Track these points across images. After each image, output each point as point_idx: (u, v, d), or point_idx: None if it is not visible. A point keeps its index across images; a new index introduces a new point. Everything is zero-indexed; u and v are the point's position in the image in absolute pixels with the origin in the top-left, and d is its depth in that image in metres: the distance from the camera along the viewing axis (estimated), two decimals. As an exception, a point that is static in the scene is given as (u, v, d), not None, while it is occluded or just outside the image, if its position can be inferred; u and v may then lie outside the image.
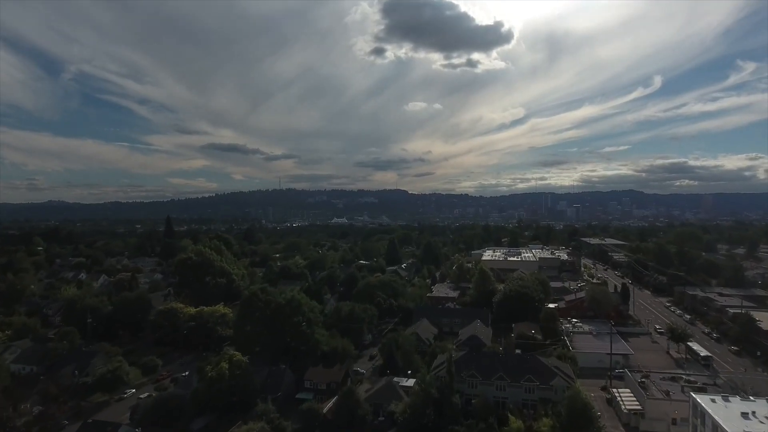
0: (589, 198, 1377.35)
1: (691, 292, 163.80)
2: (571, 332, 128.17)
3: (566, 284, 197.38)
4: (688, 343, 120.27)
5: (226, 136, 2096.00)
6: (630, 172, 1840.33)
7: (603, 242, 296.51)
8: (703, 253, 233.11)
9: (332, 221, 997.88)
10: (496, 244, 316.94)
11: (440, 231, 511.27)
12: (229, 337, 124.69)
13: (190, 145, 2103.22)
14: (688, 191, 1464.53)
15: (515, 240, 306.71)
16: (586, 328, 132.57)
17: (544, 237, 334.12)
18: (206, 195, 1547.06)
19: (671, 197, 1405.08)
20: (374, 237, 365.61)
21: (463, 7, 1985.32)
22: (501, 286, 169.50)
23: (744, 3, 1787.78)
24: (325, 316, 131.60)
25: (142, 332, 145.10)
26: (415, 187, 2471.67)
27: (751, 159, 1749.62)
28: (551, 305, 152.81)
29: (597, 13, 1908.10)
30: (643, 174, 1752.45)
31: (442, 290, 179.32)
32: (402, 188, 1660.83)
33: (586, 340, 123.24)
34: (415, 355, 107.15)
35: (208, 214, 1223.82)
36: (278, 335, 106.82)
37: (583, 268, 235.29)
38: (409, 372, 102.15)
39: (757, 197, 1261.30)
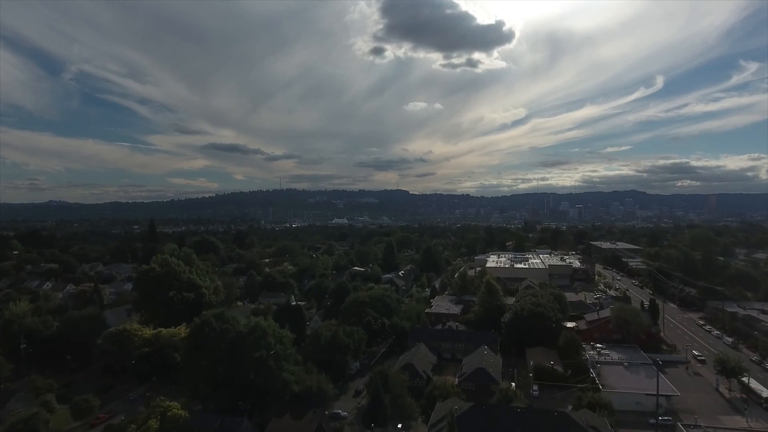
0: (591, 198, 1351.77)
1: (729, 309, 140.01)
2: (597, 363, 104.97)
3: (581, 296, 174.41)
4: (743, 379, 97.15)
5: (227, 136, 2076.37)
6: (632, 173, 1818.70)
7: (615, 246, 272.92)
8: (726, 260, 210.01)
9: (332, 221, 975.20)
10: (500, 248, 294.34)
11: (441, 232, 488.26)
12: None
13: (190, 145, 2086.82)
14: (690, 192, 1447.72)
15: (521, 244, 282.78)
16: (616, 356, 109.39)
17: (551, 240, 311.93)
18: (207, 195, 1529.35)
19: (673, 197, 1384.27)
20: (373, 239, 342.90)
21: (464, 7, 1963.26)
22: (510, 300, 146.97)
23: (746, 2, 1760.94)
24: (303, 343, 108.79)
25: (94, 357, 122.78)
26: (416, 187, 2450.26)
27: (753, 159, 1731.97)
28: (569, 324, 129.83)
29: (598, 12, 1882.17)
30: (645, 174, 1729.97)
31: (442, 305, 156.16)
32: (403, 188, 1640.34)
33: (618, 375, 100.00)
34: (408, 398, 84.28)
35: (208, 214, 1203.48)
36: (237, 373, 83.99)
37: (597, 277, 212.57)
38: (400, 426, 79.46)
39: (760, 197, 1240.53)
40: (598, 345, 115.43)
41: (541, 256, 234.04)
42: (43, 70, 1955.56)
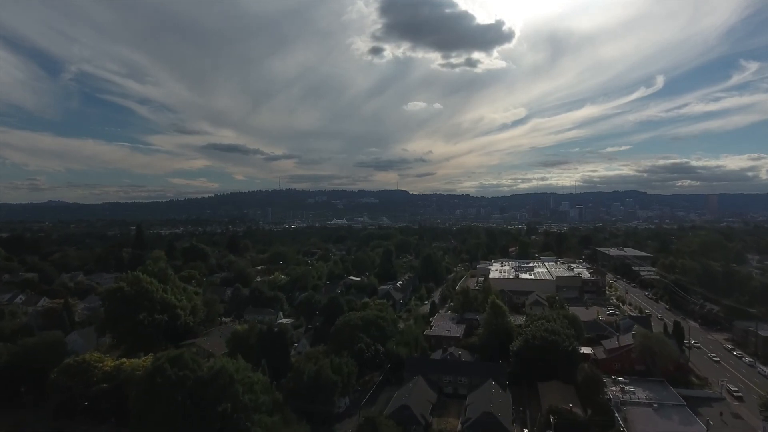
0: (591, 198, 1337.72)
1: (762, 333, 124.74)
2: (622, 404, 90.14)
3: (592, 311, 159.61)
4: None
5: (227, 136, 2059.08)
6: (632, 173, 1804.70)
7: (624, 254, 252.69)
8: (747, 270, 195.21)
9: (332, 222, 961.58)
10: (502, 254, 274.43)
11: (441, 234, 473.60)
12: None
13: (191, 145, 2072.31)
14: (691, 191, 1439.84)
15: (525, 250, 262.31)
16: (642, 394, 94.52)
17: (555, 245, 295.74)
18: (207, 195, 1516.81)
19: (674, 197, 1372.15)
20: (371, 243, 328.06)
21: (464, 6, 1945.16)
22: (517, 318, 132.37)
23: (748, 2, 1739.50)
24: (283, 378, 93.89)
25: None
26: (416, 187, 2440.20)
27: (753, 159, 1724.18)
28: (584, 349, 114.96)
29: (599, 12, 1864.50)
30: (645, 174, 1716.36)
31: (442, 325, 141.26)
32: (403, 188, 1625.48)
33: (648, 419, 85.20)
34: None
35: (207, 214, 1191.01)
36: (199, 428, 69.17)
37: (608, 289, 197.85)
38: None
39: (760, 197, 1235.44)
40: (620, 379, 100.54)
41: (546, 264, 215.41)
42: (43, 70, 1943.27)
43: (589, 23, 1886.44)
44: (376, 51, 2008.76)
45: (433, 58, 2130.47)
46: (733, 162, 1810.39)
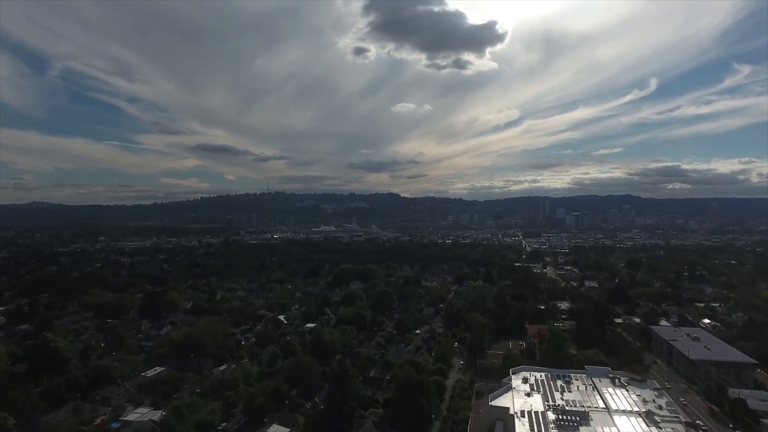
0: (585, 202, 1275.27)
1: None
2: None
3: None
4: None
5: (218, 135, 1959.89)
6: (623, 176, 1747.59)
7: (708, 353, 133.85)
8: None
9: (319, 229, 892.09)
10: (518, 333, 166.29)
11: (434, 257, 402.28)
12: None
13: (181, 144, 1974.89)
14: (682, 195, 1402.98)
15: (557, 347, 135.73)
16: None
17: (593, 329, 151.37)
18: (197, 196, 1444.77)
19: (668, 202, 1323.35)
20: (350, 284, 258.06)
21: (456, 7, 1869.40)
22: None
23: (743, 3, 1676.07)
24: None
25: None
26: (408, 188, 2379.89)
27: (743, 163, 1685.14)
28: None
29: (595, 11, 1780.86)
30: (636, 177, 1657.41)
31: None
32: (394, 190, 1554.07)
33: None
34: None
35: (192, 218, 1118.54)
36: None
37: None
38: None
39: (754, 202, 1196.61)
40: None
41: (615, 395, 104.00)
42: (29, 66, 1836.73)
43: (585, 23, 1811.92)
44: (370, 51, 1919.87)
45: (428, 59, 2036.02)
46: (724, 165, 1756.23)
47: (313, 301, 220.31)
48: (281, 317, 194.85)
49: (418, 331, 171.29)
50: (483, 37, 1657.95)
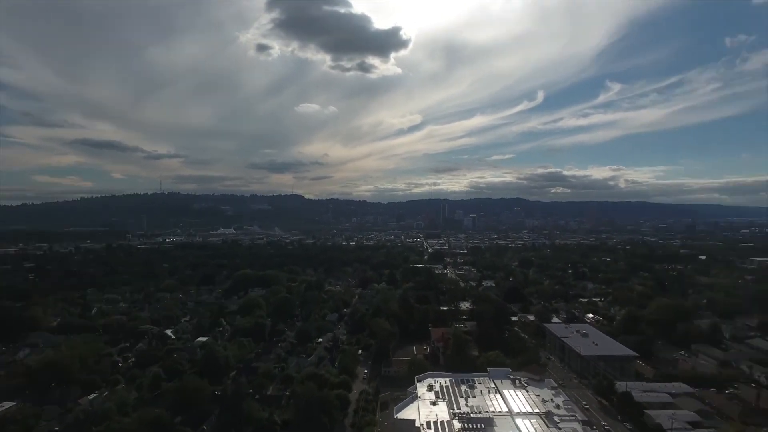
0: (481, 205, 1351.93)
1: None
2: None
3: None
4: None
5: (104, 130, 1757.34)
6: (514, 180, 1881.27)
7: (597, 349, 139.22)
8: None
9: (217, 231, 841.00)
10: (421, 337, 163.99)
11: (337, 260, 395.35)
12: None
13: (59, 138, 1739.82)
14: (564, 198, 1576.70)
15: (461, 350, 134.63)
16: None
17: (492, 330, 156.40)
18: (74, 197, 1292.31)
19: (552, 205, 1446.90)
20: (249, 291, 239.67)
21: (362, 9, 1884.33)
22: None
23: (618, 27, 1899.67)
24: None
25: None
26: (312, 190, 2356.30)
27: (614, 170, 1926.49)
28: None
29: (493, 26, 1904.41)
30: (525, 182, 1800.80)
31: None
32: (298, 192, 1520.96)
33: None
34: None
35: (70, 221, 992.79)
36: None
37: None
38: None
39: (621, 205, 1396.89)
40: None
41: (516, 398, 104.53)
42: None
43: (483, 36, 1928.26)
44: (274, 49, 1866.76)
45: (334, 61, 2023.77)
46: (598, 172, 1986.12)
47: (207, 311, 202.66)
48: (168, 331, 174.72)
49: (320, 340, 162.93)
50: (388, 41, 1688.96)
